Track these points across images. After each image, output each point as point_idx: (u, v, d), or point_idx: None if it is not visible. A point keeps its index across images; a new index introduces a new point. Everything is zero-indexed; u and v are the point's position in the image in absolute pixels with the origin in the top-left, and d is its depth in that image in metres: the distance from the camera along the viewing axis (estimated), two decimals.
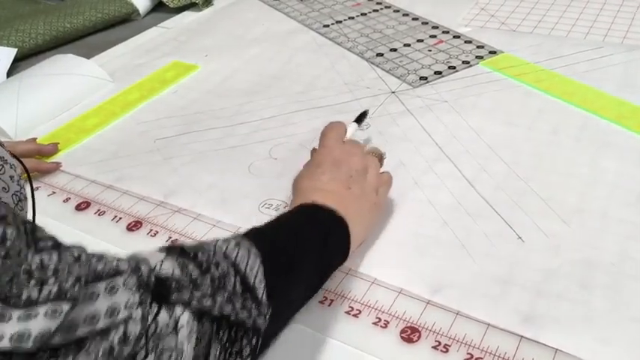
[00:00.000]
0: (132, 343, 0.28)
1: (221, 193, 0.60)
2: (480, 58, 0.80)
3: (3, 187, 0.36)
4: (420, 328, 0.45)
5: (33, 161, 0.66)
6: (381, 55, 0.84)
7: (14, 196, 0.37)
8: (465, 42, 0.85)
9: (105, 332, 0.27)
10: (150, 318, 0.29)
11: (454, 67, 0.79)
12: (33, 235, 0.28)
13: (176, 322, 0.30)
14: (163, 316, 0.30)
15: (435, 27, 0.91)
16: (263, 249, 0.39)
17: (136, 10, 1.08)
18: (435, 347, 0.43)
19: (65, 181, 0.65)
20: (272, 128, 0.70)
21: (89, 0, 1.06)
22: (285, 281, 0.41)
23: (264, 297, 0.37)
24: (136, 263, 0.32)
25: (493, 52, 0.82)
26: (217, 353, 0.33)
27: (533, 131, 0.65)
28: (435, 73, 0.78)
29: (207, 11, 1.07)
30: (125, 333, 0.28)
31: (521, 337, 0.43)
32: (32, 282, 0.26)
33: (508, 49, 0.82)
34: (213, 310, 0.33)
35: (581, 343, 0.42)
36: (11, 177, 0.36)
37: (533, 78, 0.75)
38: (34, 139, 0.71)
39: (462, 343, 0.43)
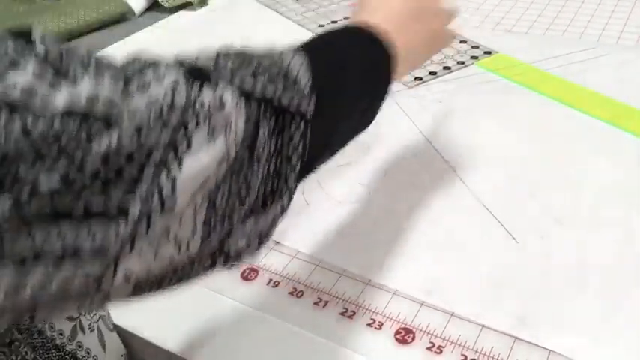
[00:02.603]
0: (179, 111, 0.28)
1: None
2: (475, 58, 0.81)
3: None
4: (414, 329, 0.45)
5: None
6: None
7: None
8: (460, 42, 0.85)
9: (153, 99, 0.27)
10: (194, 94, 0.29)
11: (449, 68, 0.79)
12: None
13: (221, 98, 0.30)
14: (207, 92, 0.30)
15: None
16: (309, 56, 0.37)
17: (130, 10, 1.07)
18: (429, 348, 0.43)
19: None
20: None
21: None
22: (330, 83, 0.39)
23: (308, 88, 0.35)
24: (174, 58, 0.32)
25: (488, 53, 0.82)
26: (266, 134, 0.32)
27: (527, 132, 0.65)
28: (430, 73, 0.78)
29: (202, 11, 1.07)
30: (172, 101, 0.28)
31: (515, 338, 0.43)
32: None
33: (503, 50, 0.82)
34: (255, 91, 0.32)
35: (574, 344, 0.42)
36: None
37: (528, 78, 0.75)
38: None
39: (456, 344, 0.43)
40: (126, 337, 0.48)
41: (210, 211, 0.29)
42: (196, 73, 0.31)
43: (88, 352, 0.44)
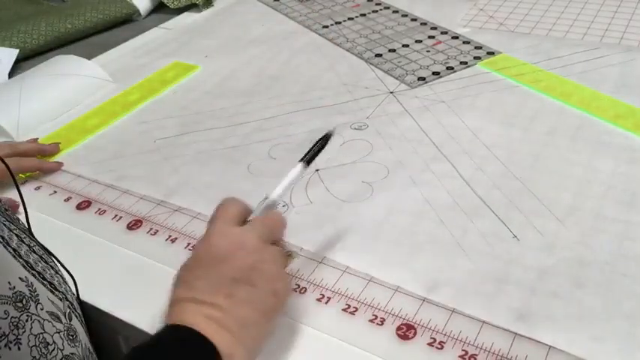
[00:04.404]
0: None
1: (220, 192, 0.61)
2: (478, 58, 0.81)
3: None
4: (415, 325, 0.45)
5: (35, 161, 0.67)
6: (380, 55, 0.85)
7: None
8: (464, 43, 0.86)
9: None
10: None
11: (452, 68, 0.79)
12: None
13: None
14: None
15: (434, 28, 0.91)
16: None
17: (136, 11, 1.08)
18: (430, 344, 0.44)
19: (66, 180, 0.66)
20: (271, 128, 0.71)
21: (90, 1, 1.07)
22: None
23: None
24: None
25: (491, 53, 0.82)
26: None
27: (529, 131, 0.66)
28: (433, 73, 0.79)
29: (207, 12, 1.08)
30: None
31: (516, 334, 0.44)
32: None
33: (506, 50, 0.82)
34: None
35: (574, 340, 0.43)
36: None
37: (531, 78, 0.75)
38: (36, 139, 0.72)
39: (457, 339, 0.44)
40: (124, 329, 0.49)
41: None
42: None
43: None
